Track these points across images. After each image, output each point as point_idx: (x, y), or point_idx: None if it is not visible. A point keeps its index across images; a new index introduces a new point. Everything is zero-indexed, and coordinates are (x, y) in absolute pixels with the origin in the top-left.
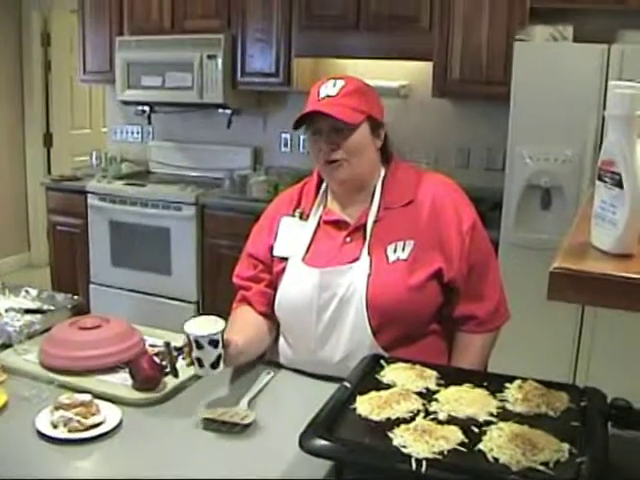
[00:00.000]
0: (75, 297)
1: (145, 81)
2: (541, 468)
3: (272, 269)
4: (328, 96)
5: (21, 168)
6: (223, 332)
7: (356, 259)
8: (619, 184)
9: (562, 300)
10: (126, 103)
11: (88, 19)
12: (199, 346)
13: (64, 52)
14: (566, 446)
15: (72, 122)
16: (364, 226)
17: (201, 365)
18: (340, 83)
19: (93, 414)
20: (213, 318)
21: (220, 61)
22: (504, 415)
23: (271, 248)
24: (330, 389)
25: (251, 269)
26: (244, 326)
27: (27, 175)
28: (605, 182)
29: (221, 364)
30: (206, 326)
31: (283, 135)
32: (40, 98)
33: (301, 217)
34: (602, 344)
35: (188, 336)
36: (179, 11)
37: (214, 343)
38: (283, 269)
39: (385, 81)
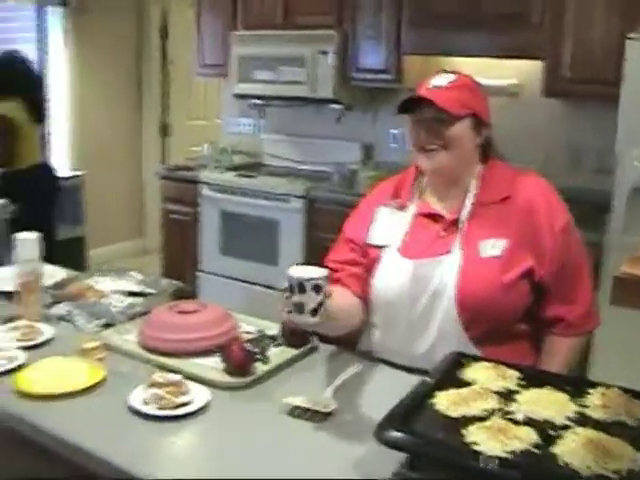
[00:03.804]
0: (176, 282)
1: (258, 75)
2: (613, 476)
3: (367, 256)
4: (436, 86)
5: (138, 157)
6: (326, 280)
7: (448, 252)
8: None
9: (625, 306)
10: (240, 96)
11: (204, 13)
12: (301, 289)
13: (183, 45)
14: None
15: (189, 113)
16: (458, 220)
17: (300, 311)
18: (451, 77)
19: (183, 394)
20: (314, 268)
21: (332, 57)
22: (582, 420)
23: (368, 235)
24: (414, 382)
25: (348, 253)
26: (338, 295)
27: (144, 164)
28: None
29: (319, 314)
30: (309, 272)
31: (392, 131)
32: (157, 90)
33: (398, 207)
34: None
35: (290, 280)
36: (292, 7)
37: (317, 288)
38: (378, 257)
39: (494, 79)
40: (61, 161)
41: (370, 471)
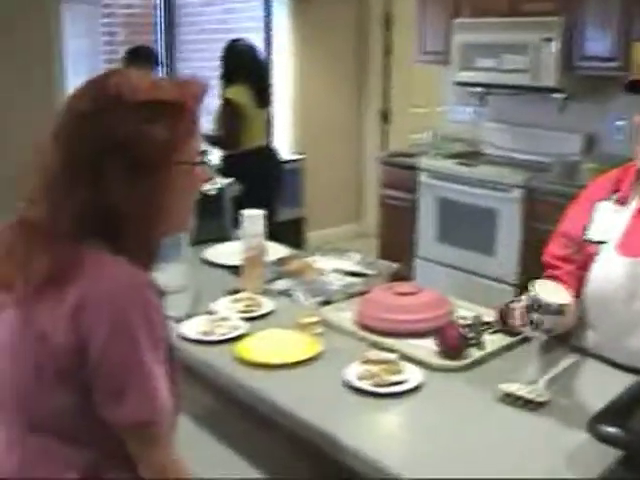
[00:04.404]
0: (394, 265)
1: (480, 63)
2: None
3: (584, 251)
4: None
5: (358, 143)
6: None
7: None
8: None
9: None
10: (461, 84)
11: (426, 1)
12: (543, 311)
13: (405, 33)
14: None
15: (410, 100)
16: None
17: (536, 329)
18: None
19: (397, 372)
20: (557, 288)
21: (555, 44)
22: None
23: (586, 231)
24: (629, 380)
25: (563, 248)
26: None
27: (363, 149)
28: None
29: (553, 332)
30: (553, 293)
31: (618, 123)
32: (379, 77)
33: (618, 202)
34: None
35: (535, 300)
36: None
37: (558, 312)
38: (595, 253)
39: None
40: (284, 144)
41: (581, 465)
